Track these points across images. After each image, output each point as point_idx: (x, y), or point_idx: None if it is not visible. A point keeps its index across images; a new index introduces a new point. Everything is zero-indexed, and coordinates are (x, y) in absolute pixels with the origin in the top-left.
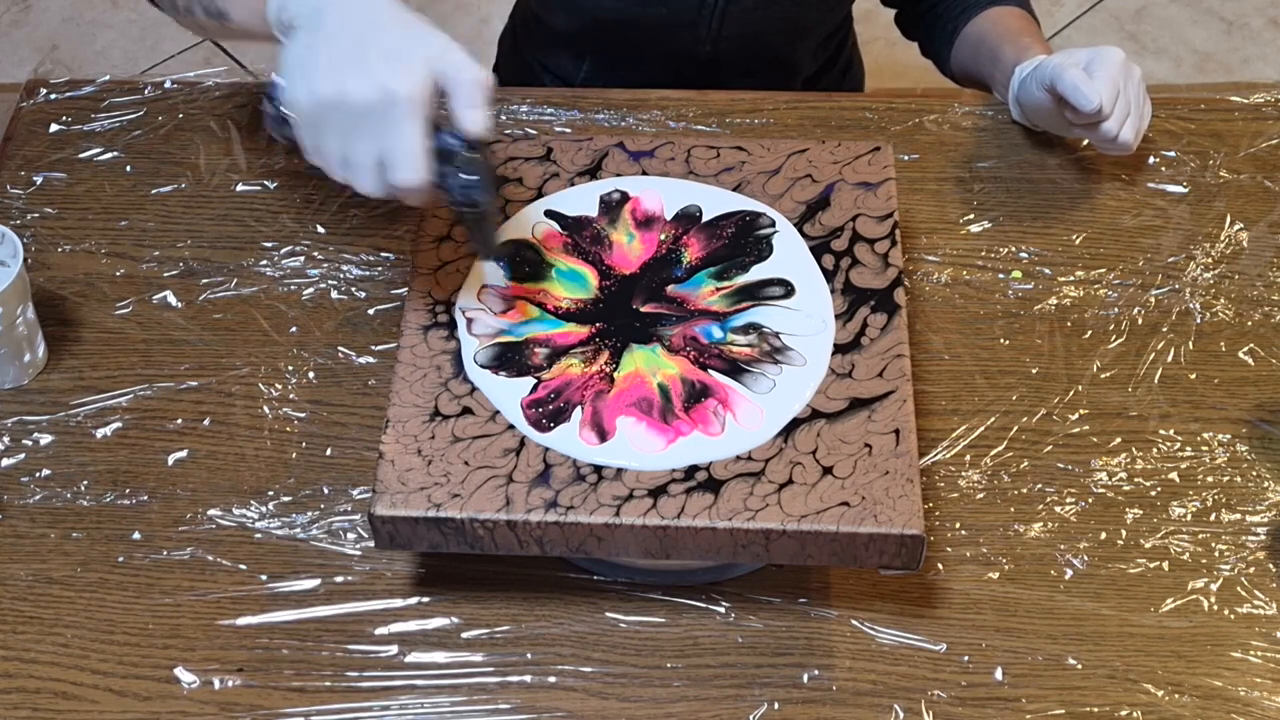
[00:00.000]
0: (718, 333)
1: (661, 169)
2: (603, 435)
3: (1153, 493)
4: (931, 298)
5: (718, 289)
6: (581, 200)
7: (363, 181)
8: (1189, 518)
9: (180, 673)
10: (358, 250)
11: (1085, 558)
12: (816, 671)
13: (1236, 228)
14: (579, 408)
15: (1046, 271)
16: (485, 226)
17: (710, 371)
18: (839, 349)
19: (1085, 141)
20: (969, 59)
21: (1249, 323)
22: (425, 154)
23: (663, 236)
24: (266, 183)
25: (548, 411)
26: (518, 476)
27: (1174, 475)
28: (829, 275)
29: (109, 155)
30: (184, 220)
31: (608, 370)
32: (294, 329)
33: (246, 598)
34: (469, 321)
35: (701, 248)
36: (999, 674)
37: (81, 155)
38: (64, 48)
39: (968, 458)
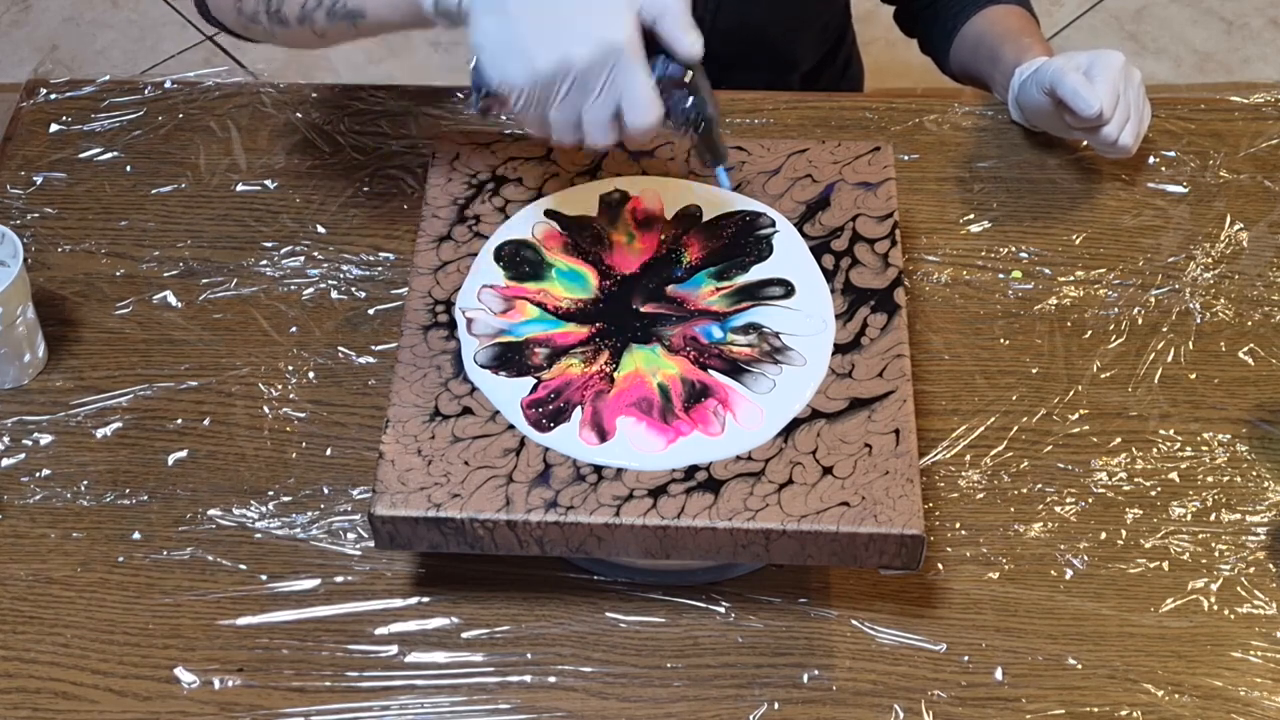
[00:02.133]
0: (718, 333)
1: (661, 169)
2: (603, 435)
3: (1153, 493)
4: (931, 298)
5: (718, 289)
6: (581, 200)
7: (597, 138)
8: (1189, 518)
9: (180, 673)
10: (358, 250)
11: (1085, 558)
12: (816, 671)
13: (1236, 228)
14: (579, 408)
15: (1046, 271)
16: (714, 136)
17: (710, 371)
18: (839, 349)
19: (1085, 142)
20: (968, 58)
21: (1249, 323)
22: (656, 93)
23: (663, 236)
24: (266, 183)
25: (548, 411)
26: (518, 476)
27: (1174, 475)
28: (829, 275)
29: (109, 155)
30: (184, 220)
31: (608, 370)
32: (294, 329)
33: (246, 598)
34: (469, 321)
35: (701, 248)
36: (999, 674)
37: (81, 155)
38: (64, 48)
39: (968, 458)
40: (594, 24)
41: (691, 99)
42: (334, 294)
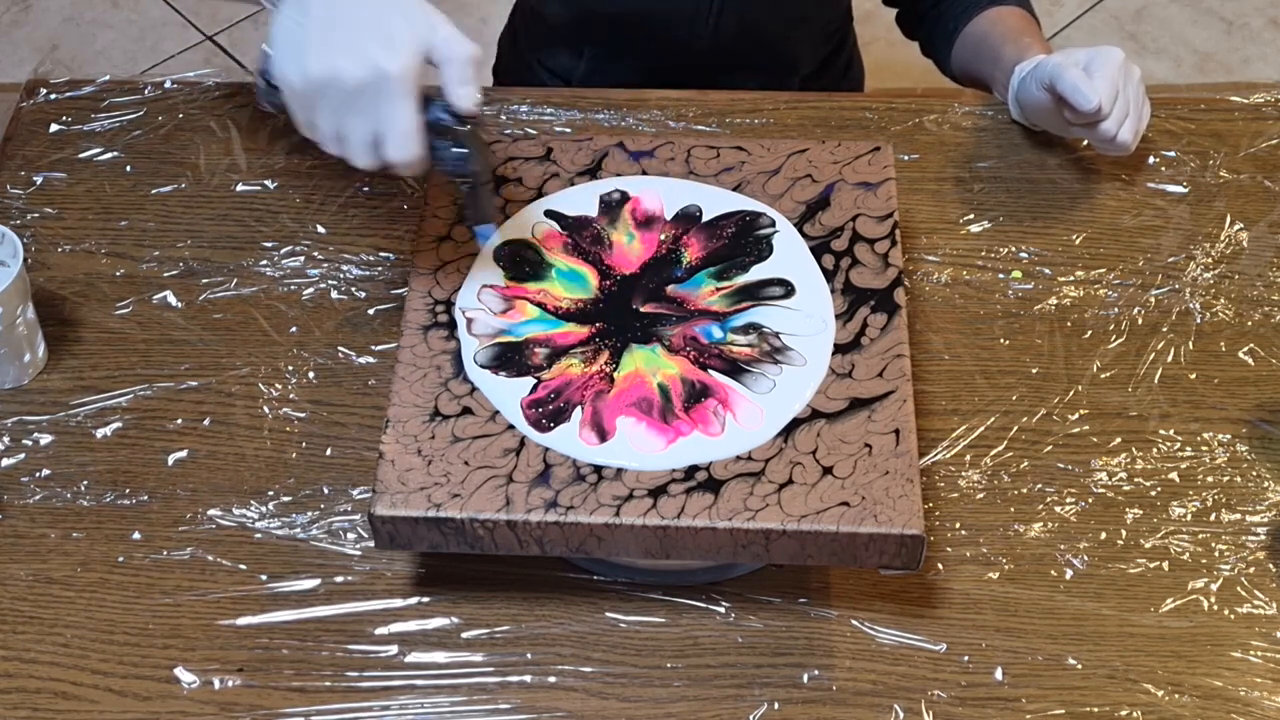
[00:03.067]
0: (718, 333)
1: (661, 169)
2: (603, 435)
3: (1153, 493)
4: (931, 298)
5: (718, 289)
6: (581, 200)
7: (357, 158)
8: (1189, 518)
9: (180, 673)
10: (358, 250)
11: (1085, 558)
12: (816, 671)
13: (1236, 228)
14: (579, 408)
15: (1046, 271)
16: (480, 195)
17: (710, 371)
18: (839, 349)
19: (1085, 141)
20: (970, 59)
21: (1249, 323)
22: (418, 130)
23: (663, 236)
24: (266, 183)
25: (548, 411)
26: (518, 476)
27: (1174, 475)
28: (829, 275)
29: (109, 155)
30: (184, 220)
31: (608, 370)
32: (294, 329)
33: (246, 598)
34: (469, 321)
35: (701, 248)
36: (999, 674)
37: (81, 155)
38: (64, 48)
39: (968, 458)
40: (374, 49)
41: (458, 151)
42: (334, 294)
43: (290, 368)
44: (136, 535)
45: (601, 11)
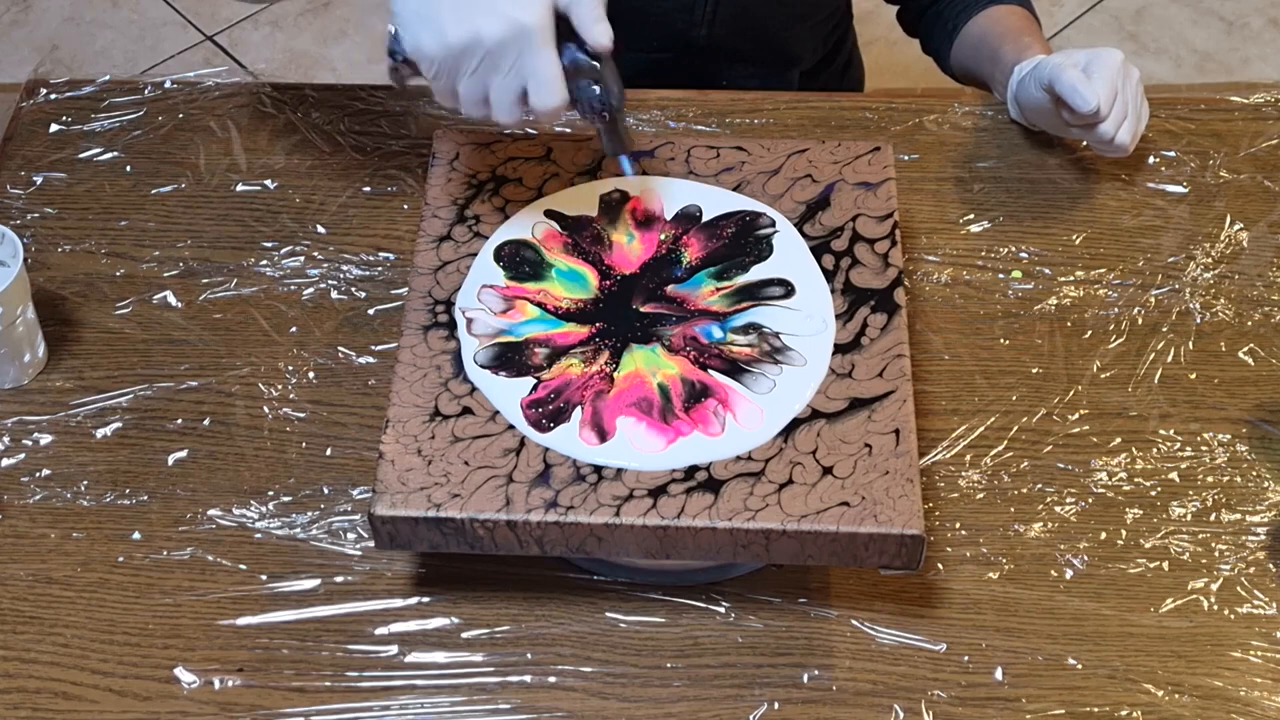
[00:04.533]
0: (718, 333)
1: (661, 169)
2: (603, 435)
3: (1153, 493)
4: (931, 298)
5: (718, 289)
6: (581, 200)
7: (501, 114)
8: (1189, 518)
9: (180, 673)
10: (358, 250)
11: (1085, 558)
12: (816, 671)
13: (1236, 228)
14: (579, 408)
15: (1046, 271)
16: (619, 128)
17: (710, 371)
18: (839, 349)
19: (1084, 142)
20: (969, 57)
21: (1249, 323)
22: (562, 77)
23: (663, 236)
24: (266, 183)
25: (548, 411)
26: (518, 476)
27: (1174, 475)
28: (829, 275)
29: (109, 155)
30: (184, 220)
31: (608, 370)
32: (294, 329)
33: (246, 598)
34: (469, 321)
35: (701, 248)
36: (999, 674)
37: (81, 155)
38: (64, 48)
39: (968, 458)
40: (506, 5)
41: (598, 88)
42: (334, 294)
43: (290, 368)
44: (136, 535)
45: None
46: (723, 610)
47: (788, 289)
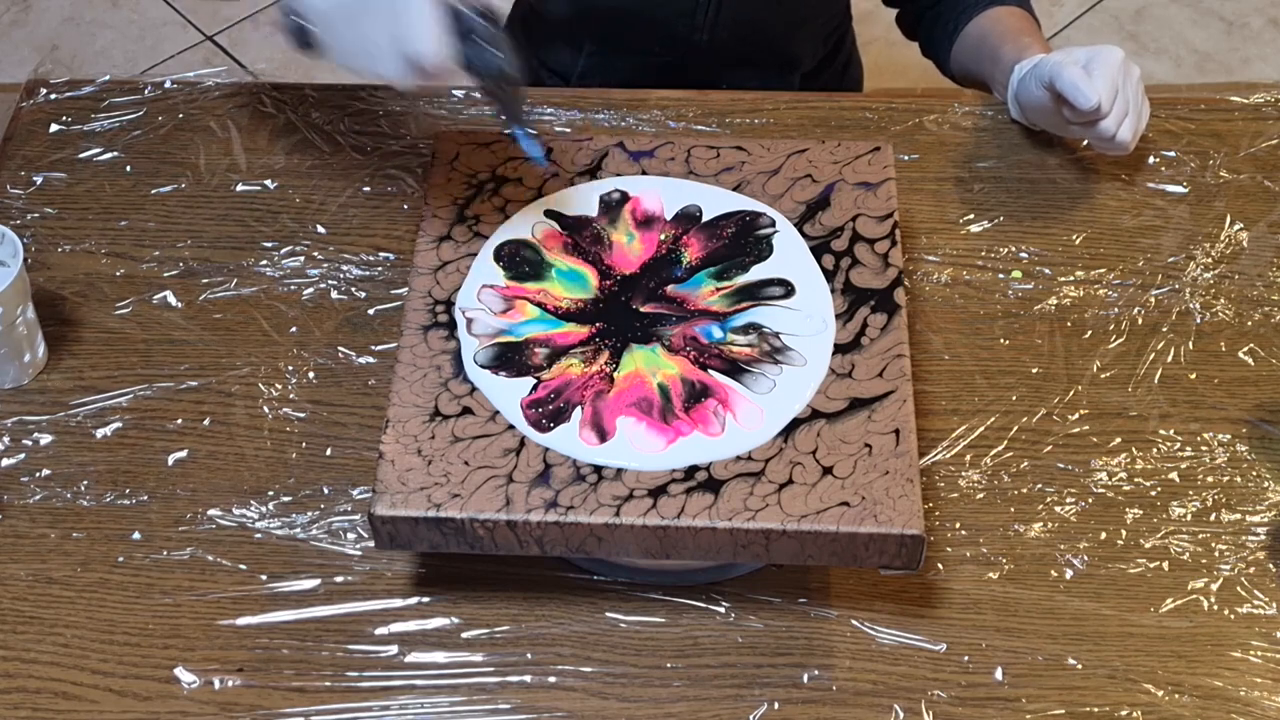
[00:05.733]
0: (718, 333)
1: (661, 169)
2: (603, 435)
3: (1153, 493)
4: (931, 298)
5: (718, 289)
6: (581, 200)
7: (387, 68)
8: (1189, 518)
9: (180, 673)
10: (358, 250)
11: (1085, 558)
12: (816, 671)
13: (1236, 228)
14: (579, 408)
15: (1046, 271)
16: (514, 97)
17: (710, 371)
18: (839, 349)
19: (1085, 141)
20: (969, 59)
21: (1249, 323)
22: (440, 27)
23: (663, 236)
24: (266, 183)
25: (548, 411)
26: (518, 476)
27: (1174, 475)
28: (829, 275)
29: (109, 155)
30: (184, 220)
31: (608, 370)
32: (294, 329)
33: (246, 598)
34: (469, 321)
35: (701, 248)
36: (999, 674)
37: (81, 155)
38: (64, 48)
39: (968, 458)
40: None
41: (491, 53)
42: (334, 294)
43: (290, 368)
44: (136, 535)
45: (600, 6)
46: (723, 610)
47: (788, 289)
